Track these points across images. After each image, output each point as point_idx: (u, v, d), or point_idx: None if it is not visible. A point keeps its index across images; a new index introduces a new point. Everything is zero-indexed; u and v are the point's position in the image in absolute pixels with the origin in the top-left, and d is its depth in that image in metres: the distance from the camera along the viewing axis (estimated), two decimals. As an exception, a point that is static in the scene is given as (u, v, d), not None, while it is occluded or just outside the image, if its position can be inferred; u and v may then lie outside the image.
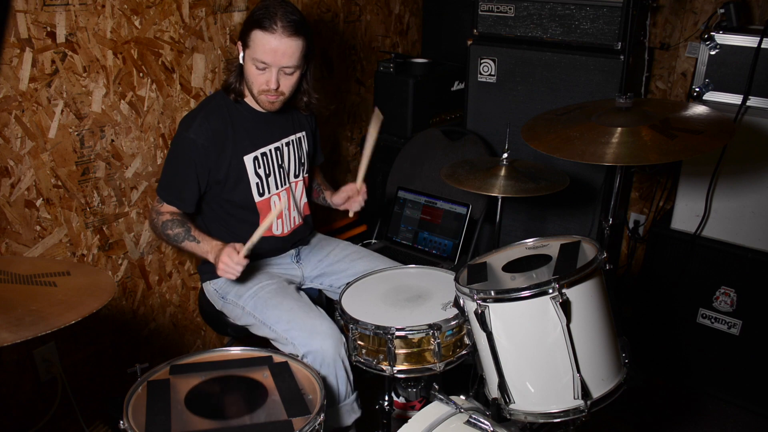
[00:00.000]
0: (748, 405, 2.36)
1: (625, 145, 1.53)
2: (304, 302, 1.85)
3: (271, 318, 1.80)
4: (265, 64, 1.75)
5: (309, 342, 1.69)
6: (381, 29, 2.98)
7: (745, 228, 2.23)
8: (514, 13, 2.40)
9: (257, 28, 1.72)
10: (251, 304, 1.86)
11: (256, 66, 1.76)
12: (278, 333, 1.76)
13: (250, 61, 1.77)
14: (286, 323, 1.76)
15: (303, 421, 1.31)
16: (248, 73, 1.80)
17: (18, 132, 1.74)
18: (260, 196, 1.93)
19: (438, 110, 2.87)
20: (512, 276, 1.54)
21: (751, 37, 2.11)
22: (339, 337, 1.72)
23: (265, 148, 1.92)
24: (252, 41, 1.74)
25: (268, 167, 1.94)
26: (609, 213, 1.84)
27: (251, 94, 1.86)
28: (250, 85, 1.83)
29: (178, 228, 1.85)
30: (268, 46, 1.72)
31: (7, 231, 1.78)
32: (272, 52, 1.73)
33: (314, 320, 1.75)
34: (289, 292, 1.88)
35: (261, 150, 1.91)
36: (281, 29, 1.71)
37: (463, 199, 2.41)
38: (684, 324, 2.41)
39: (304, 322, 1.75)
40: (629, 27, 2.21)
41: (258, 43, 1.73)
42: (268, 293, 1.86)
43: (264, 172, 1.93)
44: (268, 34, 1.71)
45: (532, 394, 1.41)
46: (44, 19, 1.73)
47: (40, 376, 1.93)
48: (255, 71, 1.77)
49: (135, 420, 1.31)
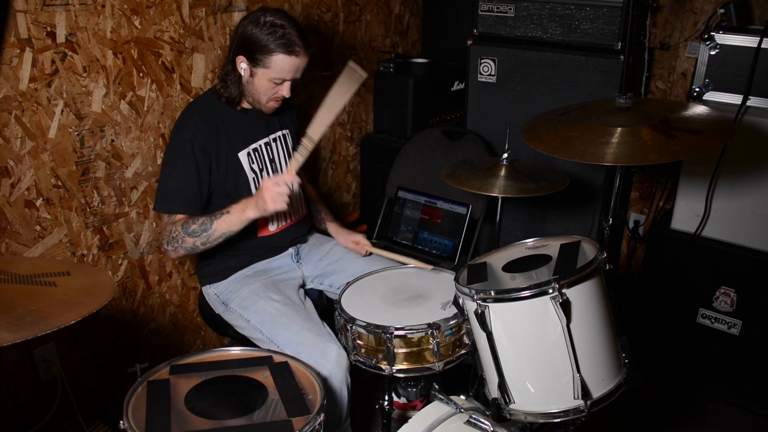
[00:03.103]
0: (748, 405, 2.36)
1: (625, 145, 1.53)
2: (312, 322, 1.81)
3: (280, 338, 1.78)
4: (284, 80, 1.83)
5: (318, 367, 1.66)
6: (381, 29, 2.98)
7: (745, 228, 2.23)
8: (514, 13, 2.41)
9: (282, 53, 1.77)
10: (258, 319, 1.84)
11: (273, 82, 1.83)
12: (286, 353, 1.74)
13: (266, 78, 1.82)
14: (296, 345, 1.73)
15: (303, 421, 1.31)
16: (261, 87, 1.85)
17: (18, 132, 1.74)
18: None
19: (438, 110, 2.87)
20: (512, 276, 1.54)
21: (751, 37, 2.11)
22: (346, 362, 1.71)
23: (256, 144, 1.96)
24: (273, 63, 1.79)
25: (260, 162, 1.97)
26: (609, 213, 1.84)
27: (257, 102, 1.90)
28: (258, 96, 1.87)
29: (197, 220, 1.78)
30: (292, 67, 1.81)
31: (7, 231, 1.78)
32: (294, 70, 1.83)
33: (324, 345, 1.72)
34: (298, 309, 1.85)
35: (252, 146, 1.94)
36: (303, 50, 1.80)
37: (463, 199, 2.41)
38: (684, 324, 2.41)
39: (314, 346, 1.72)
40: (629, 27, 2.21)
41: (282, 66, 1.80)
42: (276, 310, 1.83)
43: (257, 167, 1.95)
44: (293, 57, 1.79)
45: (532, 394, 1.41)
46: (44, 19, 1.73)
47: (40, 376, 1.93)
48: (270, 86, 1.84)
49: (135, 420, 1.31)
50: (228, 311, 1.92)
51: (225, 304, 1.93)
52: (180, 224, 1.78)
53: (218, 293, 1.96)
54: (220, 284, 1.96)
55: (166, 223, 1.82)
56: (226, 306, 1.92)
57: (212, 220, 1.77)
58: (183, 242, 1.78)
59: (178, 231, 1.78)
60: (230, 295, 1.93)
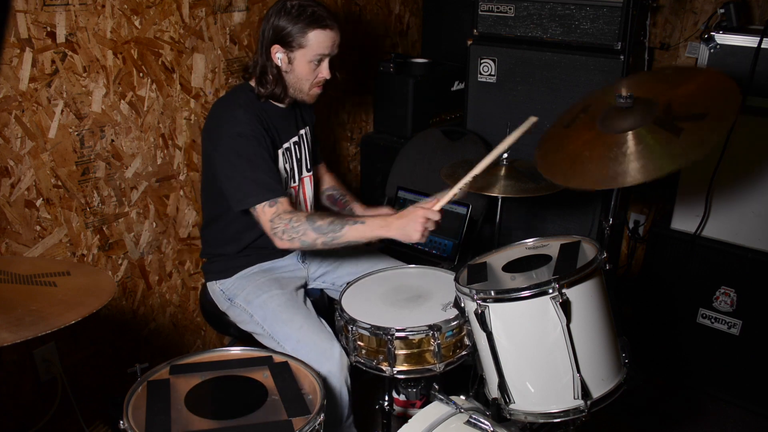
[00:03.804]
0: (748, 405, 2.36)
1: (636, 157, 1.45)
2: (313, 319, 1.82)
3: (280, 334, 1.78)
4: (323, 56, 1.82)
5: (318, 365, 1.66)
6: (381, 29, 2.98)
7: (745, 228, 2.23)
8: (514, 13, 2.40)
9: (316, 28, 1.78)
10: (260, 314, 1.84)
11: (313, 62, 1.82)
12: (286, 350, 1.74)
13: (306, 59, 1.81)
14: (296, 342, 1.74)
15: (303, 421, 1.31)
16: (302, 72, 1.84)
17: (18, 132, 1.74)
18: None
19: (438, 110, 2.87)
20: (512, 276, 1.54)
21: (751, 37, 2.10)
22: (345, 361, 1.72)
23: (288, 142, 1.95)
24: (310, 41, 1.79)
25: (290, 160, 1.95)
26: (609, 213, 1.84)
27: (299, 91, 1.88)
28: (300, 83, 1.86)
29: (327, 216, 1.69)
30: (329, 40, 1.81)
31: (7, 231, 1.78)
32: (332, 44, 1.83)
33: (324, 343, 1.72)
34: (299, 306, 1.85)
35: (286, 144, 1.94)
36: (333, 22, 1.81)
37: (463, 199, 2.41)
38: (684, 324, 2.41)
39: (314, 344, 1.72)
40: (629, 27, 2.21)
41: (318, 40, 1.79)
42: (279, 305, 1.83)
43: (289, 165, 1.94)
44: (328, 30, 1.80)
45: (532, 394, 1.41)
46: (44, 19, 1.73)
47: (40, 376, 1.93)
48: (311, 68, 1.83)
49: (135, 420, 1.31)
50: (233, 306, 1.93)
51: (230, 300, 1.94)
52: (304, 216, 1.69)
53: (224, 289, 1.96)
54: (227, 281, 1.96)
55: (273, 214, 1.70)
56: (231, 302, 1.93)
57: (343, 224, 1.68)
58: (305, 235, 1.69)
59: (302, 222, 1.68)
60: (236, 291, 1.93)
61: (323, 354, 1.70)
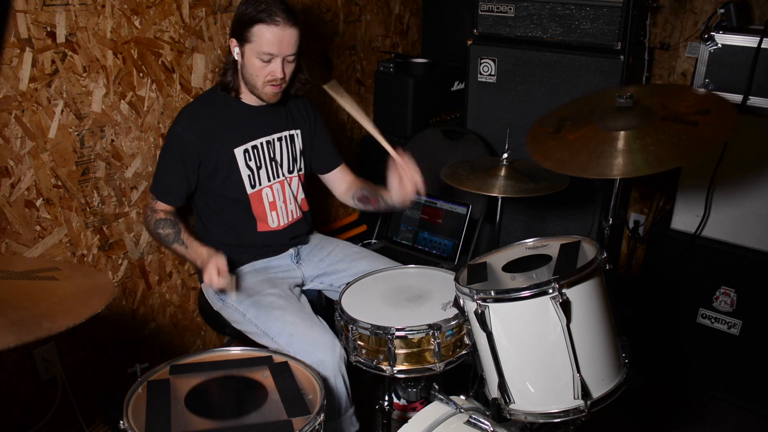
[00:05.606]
0: (748, 405, 2.36)
1: (631, 152, 1.49)
2: (306, 314, 1.83)
3: (273, 330, 1.79)
4: (271, 56, 1.79)
5: (310, 354, 1.68)
6: (381, 29, 2.98)
7: (745, 228, 2.23)
8: (514, 13, 2.41)
9: (260, 23, 1.76)
10: (253, 312, 1.85)
11: (261, 59, 1.80)
12: (280, 345, 1.75)
13: (254, 55, 1.80)
14: (289, 336, 1.75)
15: (303, 421, 1.31)
16: (251, 67, 1.82)
17: (18, 132, 1.74)
18: (252, 188, 1.95)
19: (438, 110, 2.87)
20: (512, 276, 1.54)
21: (751, 37, 2.11)
22: (340, 350, 1.72)
23: (256, 141, 1.95)
24: (255, 36, 1.77)
25: (259, 160, 1.96)
26: (609, 213, 1.84)
27: (253, 87, 1.87)
28: (253, 79, 1.85)
29: (169, 229, 1.87)
30: (274, 38, 1.77)
31: (7, 231, 1.78)
32: (278, 43, 1.78)
33: (317, 334, 1.74)
34: (292, 302, 1.86)
35: (251, 143, 1.94)
36: (283, 20, 1.76)
37: (463, 199, 2.41)
38: (684, 324, 2.41)
39: (306, 336, 1.73)
40: (629, 27, 2.21)
41: (263, 36, 1.77)
42: (270, 303, 1.84)
43: (255, 164, 1.95)
44: (273, 26, 1.76)
45: (532, 394, 1.41)
46: (44, 19, 1.73)
47: (40, 376, 1.93)
48: (259, 64, 1.81)
49: (135, 420, 1.31)
50: (225, 306, 1.93)
51: (222, 300, 1.94)
52: (155, 218, 1.88)
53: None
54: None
55: (150, 204, 1.93)
56: (223, 301, 1.93)
57: (174, 240, 1.86)
58: (150, 231, 1.93)
59: (151, 221, 1.89)
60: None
61: (314, 344, 1.71)
